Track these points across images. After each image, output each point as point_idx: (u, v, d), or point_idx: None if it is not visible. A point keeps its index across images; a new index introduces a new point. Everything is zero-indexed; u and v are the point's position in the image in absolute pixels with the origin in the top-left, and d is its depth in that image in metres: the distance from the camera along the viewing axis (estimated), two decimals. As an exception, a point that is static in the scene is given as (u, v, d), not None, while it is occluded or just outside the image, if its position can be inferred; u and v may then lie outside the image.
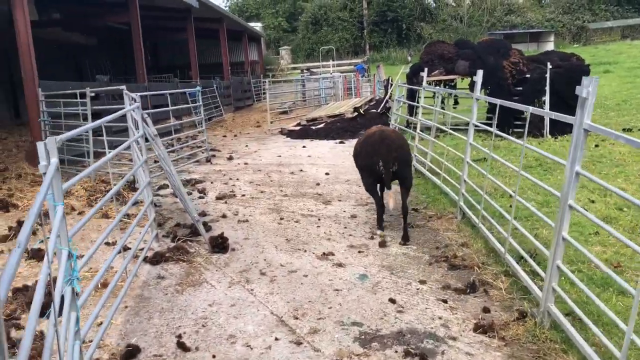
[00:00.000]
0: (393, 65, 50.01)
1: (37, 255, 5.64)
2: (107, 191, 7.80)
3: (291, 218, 7.08)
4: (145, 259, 5.55)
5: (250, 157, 12.29)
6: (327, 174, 9.99)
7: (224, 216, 7.22)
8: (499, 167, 9.84)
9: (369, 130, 6.78)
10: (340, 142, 14.20)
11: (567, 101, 13.79)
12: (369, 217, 7.06)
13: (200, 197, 8.35)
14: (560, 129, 13.62)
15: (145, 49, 34.84)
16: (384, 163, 6.01)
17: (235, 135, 17.17)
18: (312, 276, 5.14)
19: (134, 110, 6.50)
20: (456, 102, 16.13)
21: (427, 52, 14.86)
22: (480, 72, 6.91)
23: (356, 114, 15.85)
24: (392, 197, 6.16)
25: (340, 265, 5.40)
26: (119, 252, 5.22)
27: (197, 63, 22.98)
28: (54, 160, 3.04)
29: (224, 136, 17.14)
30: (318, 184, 9.07)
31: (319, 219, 7.00)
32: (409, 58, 52.23)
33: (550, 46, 47.93)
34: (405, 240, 6.09)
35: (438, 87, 13.93)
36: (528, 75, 13.72)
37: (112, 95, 14.25)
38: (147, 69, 33.89)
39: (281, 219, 7.05)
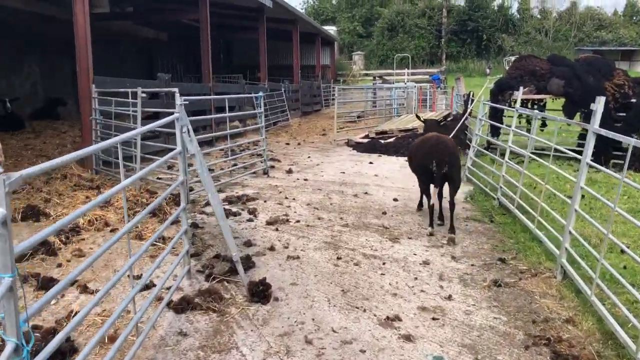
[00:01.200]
0: (470, 77, 47.89)
1: None
2: (148, 204, 6.95)
3: (350, 258, 5.92)
4: (169, 304, 4.55)
5: (312, 172, 11.23)
6: (395, 200, 8.78)
7: (272, 248, 6.15)
8: (600, 208, 8.33)
9: (426, 135, 7.68)
10: (411, 161, 12.90)
11: (677, 132, 12.00)
12: (445, 265, 5.81)
13: (249, 220, 7.33)
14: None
15: (218, 47, 34.88)
16: (437, 164, 6.81)
17: (298, 144, 16.20)
18: (372, 353, 3.96)
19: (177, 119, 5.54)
20: (544, 124, 14.49)
21: (517, 67, 13.34)
22: (601, 100, 5.47)
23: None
24: (434, 192, 7.23)
25: (408, 338, 4.18)
26: (140, 290, 4.25)
27: (267, 64, 22.25)
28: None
29: (287, 144, 16.20)
30: (384, 213, 7.88)
31: (384, 263, 5.80)
32: (488, 70, 49.94)
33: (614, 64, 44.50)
34: (452, 232, 6.90)
35: (530, 109, 12.43)
36: (634, 100, 11.96)
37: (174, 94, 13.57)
38: (219, 67, 33.81)
39: (338, 258, 5.91)
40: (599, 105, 5.59)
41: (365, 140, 14.98)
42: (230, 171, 9.97)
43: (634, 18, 56.66)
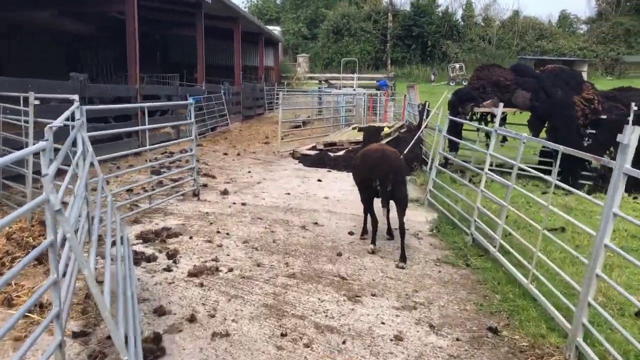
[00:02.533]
0: (415, 83, 47.44)
1: None
2: (36, 245, 5.27)
3: (299, 334, 4.38)
4: None
5: (251, 193, 9.63)
6: (350, 233, 7.33)
7: (192, 319, 4.53)
8: (581, 240, 7.22)
9: (370, 148, 6.79)
10: (364, 178, 11.52)
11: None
12: (424, 342, 4.37)
13: (166, 269, 5.66)
14: (637, 184, 10.96)
15: (154, 43, 32.50)
16: (381, 181, 6.19)
17: (238, 154, 14.54)
18: None
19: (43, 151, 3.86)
20: (504, 139, 13.47)
21: (479, 77, 12.22)
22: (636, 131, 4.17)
23: (383, 142, 13.16)
24: (383, 213, 6.50)
25: None
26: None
27: (206, 64, 20.45)
28: None
29: (225, 154, 14.51)
30: (339, 255, 6.40)
31: (344, 342, 4.30)
32: (433, 77, 49.70)
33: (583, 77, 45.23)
34: (402, 260, 6.15)
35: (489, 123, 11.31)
36: (604, 117, 11.03)
37: (93, 98, 11.67)
38: (153, 66, 31.53)
39: (282, 335, 4.36)
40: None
41: (313, 153, 13.51)
42: (150, 197, 8.19)
43: (568, 29, 57.98)
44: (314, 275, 5.69)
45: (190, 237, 6.76)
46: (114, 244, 4.28)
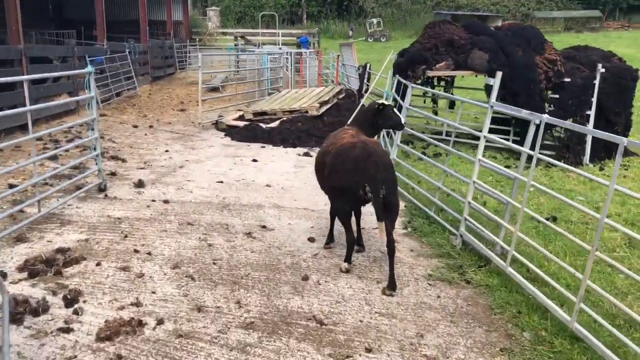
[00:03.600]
0: (333, 39, 45.74)
1: None
2: None
3: None
4: None
5: (174, 183, 7.75)
6: (311, 239, 5.75)
7: None
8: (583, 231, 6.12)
9: (342, 138, 5.11)
10: (306, 155, 9.92)
11: (607, 116, 10.32)
12: None
13: (63, 330, 3.82)
14: (597, 153, 10.16)
15: (45, -6, 28.53)
16: (372, 187, 4.57)
17: (151, 126, 12.40)
18: None
19: None
20: (452, 105, 12.29)
21: (430, 36, 10.78)
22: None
23: (321, 111, 11.56)
24: (382, 230, 4.56)
25: None
26: None
27: (106, 20, 17.70)
28: None
29: (135, 126, 12.33)
30: (306, 279, 4.81)
31: None
32: (350, 33, 48.22)
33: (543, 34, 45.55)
34: (391, 288, 4.62)
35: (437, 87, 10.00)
36: (567, 80, 9.99)
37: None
38: (46, 22, 27.73)
39: None
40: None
41: (242, 124, 11.65)
42: (39, 201, 6.08)
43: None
44: (279, 322, 4.07)
45: (98, 264, 4.89)
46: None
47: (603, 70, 9.58)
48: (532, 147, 4.70)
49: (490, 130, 10.50)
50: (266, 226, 6.09)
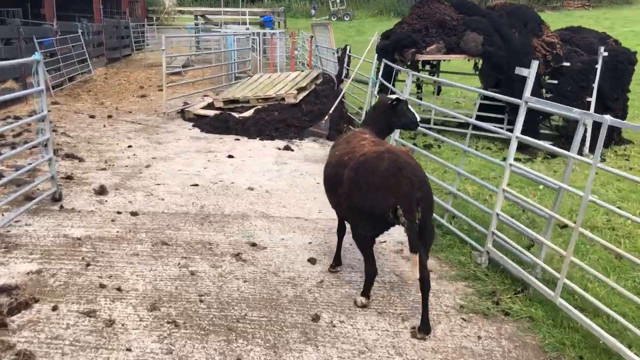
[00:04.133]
0: (295, 18, 44.34)
1: None
2: None
3: None
4: None
5: (141, 188, 6.70)
6: (312, 260, 4.86)
7: None
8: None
9: (360, 145, 4.09)
10: (287, 149, 8.97)
11: (605, 102, 9.71)
12: None
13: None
14: (593, 142, 9.57)
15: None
16: (405, 209, 3.59)
17: (110, 116, 11.18)
18: None
19: None
20: (439, 91, 11.55)
21: (419, 16, 9.90)
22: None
23: (299, 98, 10.58)
24: (416, 263, 3.62)
25: None
26: None
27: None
28: None
29: (92, 116, 11.10)
30: (316, 318, 3.92)
31: None
32: (313, 11, 46.89)
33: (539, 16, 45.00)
34: (425, 331, 3.74)
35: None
36: (567, 64, 9.31)
37: None
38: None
39: None
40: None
41: (211, 113, 10.57)
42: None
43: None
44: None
45: (55, 308, 3.88)
46: None
47: (606, 53, 8.92)
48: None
49: (481, 118, 9.85)
50: (256, 244, 5.16)
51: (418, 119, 4.87)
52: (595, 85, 9.09)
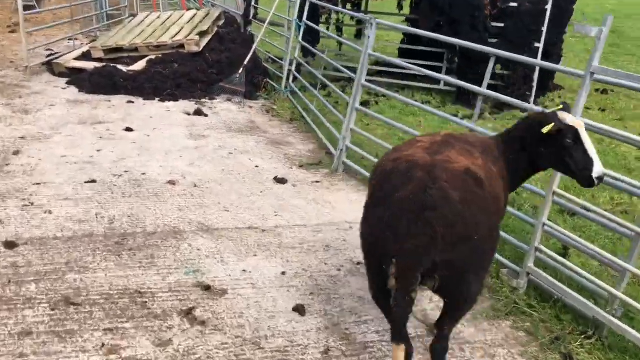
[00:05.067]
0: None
1: None
2: None
3: None
4: None
5: (13, 192, 4.64)
6: (298, 310, 3.38)
7: None
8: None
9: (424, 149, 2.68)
10: (198, 113, 7.14)
11: (545, 46, 8.92)
12: None
13: None
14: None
15: None
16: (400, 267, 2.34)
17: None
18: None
19: None
20: (359, 34, 10.18)
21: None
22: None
23: (202, 45, 8.60)
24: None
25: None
26: None
27: None
28: None
29: None
30: None
31: None
32: None
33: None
34: None
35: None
36: (514, 4, 8.30)
37: None
38: None
39: None
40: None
41: (91, 66, 8.25)
42: None
43: None
44: None
45: None
46: None
47: (554, -7, 7.98)
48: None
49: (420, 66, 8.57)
50: (210, 286, 3.55)
51: (599, 173, 2.83)
52: (545, 29, 8.19)
